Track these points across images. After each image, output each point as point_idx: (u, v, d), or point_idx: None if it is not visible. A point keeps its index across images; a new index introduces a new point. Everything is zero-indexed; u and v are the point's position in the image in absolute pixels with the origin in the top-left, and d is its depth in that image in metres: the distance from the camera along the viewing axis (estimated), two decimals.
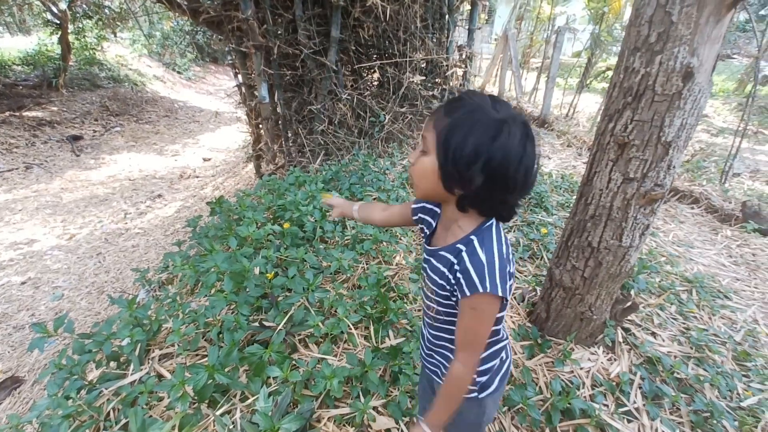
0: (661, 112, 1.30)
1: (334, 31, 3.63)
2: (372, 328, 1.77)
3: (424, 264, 0.89)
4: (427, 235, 0.91)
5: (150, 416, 1.32)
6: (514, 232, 2.82)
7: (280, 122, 4.03)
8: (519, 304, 2.09)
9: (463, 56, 4.87)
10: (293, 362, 1.54)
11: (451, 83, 4.80)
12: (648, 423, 1.51)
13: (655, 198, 1.43)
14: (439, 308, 0.86)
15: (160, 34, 12.12)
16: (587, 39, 7.29)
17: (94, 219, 4.67)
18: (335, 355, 1.65)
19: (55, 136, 6.87)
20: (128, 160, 6.72)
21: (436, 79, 4.72)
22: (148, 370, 1.54)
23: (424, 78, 4.57)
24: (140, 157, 6.87)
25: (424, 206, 0.93)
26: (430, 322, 0.94)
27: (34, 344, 1.42)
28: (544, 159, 4.96)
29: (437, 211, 0.90)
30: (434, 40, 4.44)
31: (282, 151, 4.09)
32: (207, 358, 1.33)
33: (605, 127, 1.47)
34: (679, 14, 1.20)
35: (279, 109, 3.99)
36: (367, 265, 2.22)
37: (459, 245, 0.76)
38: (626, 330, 1.95)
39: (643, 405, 1.57)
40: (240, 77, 4.19)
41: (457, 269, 0.75)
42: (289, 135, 4.09)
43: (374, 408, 1.43)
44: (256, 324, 1.71)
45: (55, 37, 8.25)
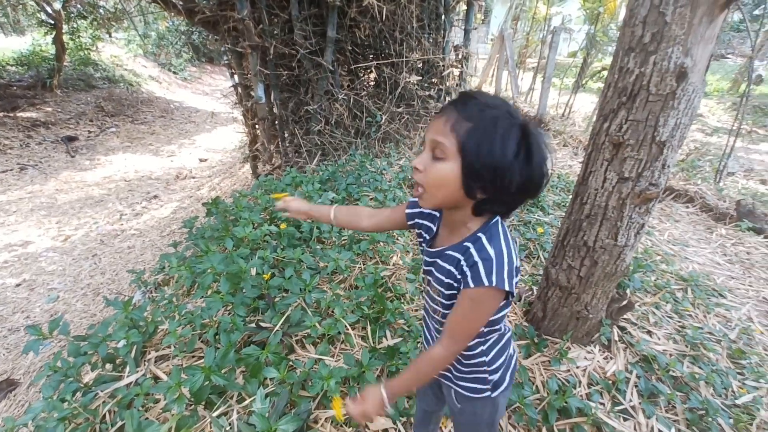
0: (655, 111, 1.31)
1: (331, 31, 3.63)
2: (369, 329, 1.77)
3: (428, 267, 0.86)
4: (428, 239, 0.89)
5: (146, 418, 1.32)
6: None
7: (276, 122, 4.03)
8: (516, 304, 2.10)
9: (460, 56, 4.89)
10: (290, 363, 1.54)
11: (447, 83, 4.81)
12: (644, 421, 1.52)
13: (649, 197, 1.44)
14: (444, 311, 0.84)
15: (156, 34, 12.08)
16: (583, 39, 7.33)
17: (90, 220, 4.64)
18: (332, 356, 1.65)
19: (50, 137, 6.83)
20: (124, 160, 6.68)
21: (433, 79, 4.73)
22: (144, 372, 1.53)
23: (420, 78, 4.58)
24: (136, 158, 6.84)
25: (422, 211, 0.90)
26: (436, 326, 0.92)
27: (29, 347, 1.42)
28: None
29: (436, 215, 0.87)
30: (431, 41, 4.45)
31: (278, 151, 4.09)
32: (203, 360, 1.33)
33: (600, 126, 1.48)
34: (673, 15, 1.21)
35: (275, 110, 3.98)
36: (364, 265, 2.22)
37: (466, 243, 0.75)
38: (622, 329, 1.96)
39: (639, 403, 1.58)
40: (236, 77, 4.18)
41: (464, 264, 0.74)
42: (286, 135, 4.09)
43: None
44: (253, 325, 1.71)
45: (50, 38, 8.21)
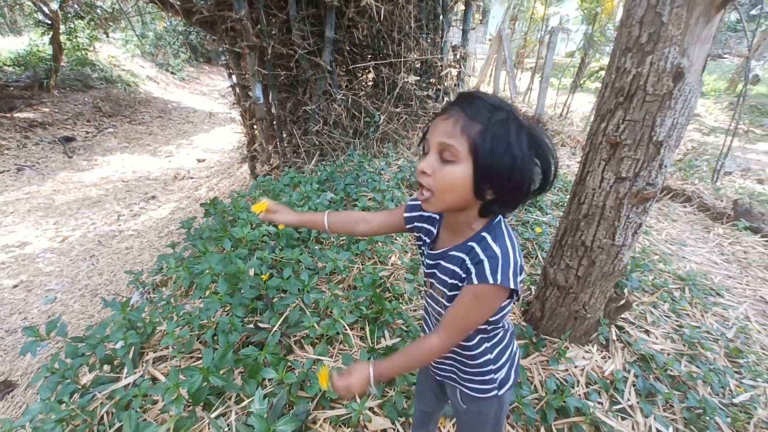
0: (652, 111, 1.31)
1: (329, 32, 3.63)
2: (368, 329, 1.77)
3: (430, 270, 0.85)
4: (428, 242, 0.88)
5: (144, 420, 1.31)
6: None
7: (274, 123, 4.03)
8: (514, 303, 2.10)
9: (458, 56, 4.90)
10: (288, 364, 1.54)
11: (445, 83, 4.81)
12: (642, 420, 1.52)
13: (647, 197, 1.44)
14: None
15: (153, 34, 12.04)
16: (580, 39, 7.34)
17: (87, 221, 4.63)
18: (331, 356, 1.65)
19: (47, 138, 6.81)
20: (121, 161, 6.66)
21: (431, 80, 4.73)
22: (142, 373, 1.53)
23: (418, 78, 4.58)
24: (134, 159, 6.82)
25: (421, 214, 0.89)
26: None
27: (26, 348, 1.41)
28: None
29: (436, 217, 0.87)
30: (428, 41, 4.45)
31: (277, 151, 4.08)
32: (201, 361, 1.32)
33: (597, 127, 1.48)
34: (670, 15, 1.21)
35: (273, 110, 3.98)
36: (362, 265, 2.22)
37: (471, 243, 0.75)
38: (620, 328, 1.97)
39: (637, 402, 1.59)
40: (234, 78, 4.18)
41: (469, 263, 0.73)
42: (284, 135, 4.08)
43: (370, 409, 1.43)
44: (251, 326, 1.71)
45: (47, 38, 8.16)
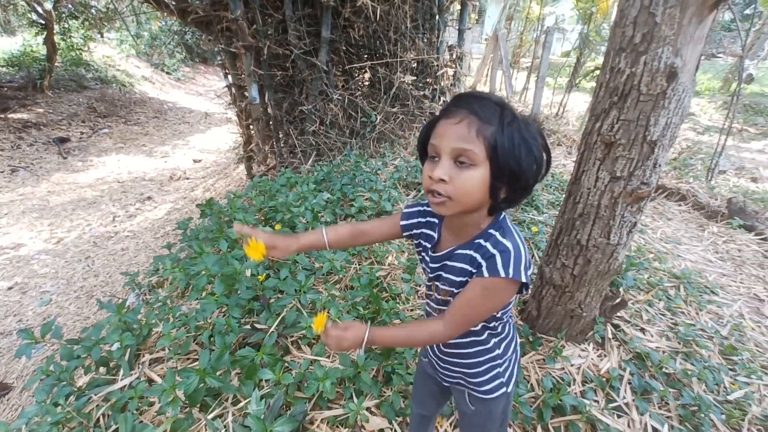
0: (646, 111, 1.32)
1: (325, 32, 3.62)
2: None
3: (435, 272, 0.84)
4: (429, 246, 0.87)
5: (140, 422, 1.31)
6: None
7: (271, 123, 4.02)
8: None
9: (454, 56, 4.90)
10: (285, 364, 1.54)
11: (442, 83, 4.82)
12: (637, 418, 1.53)
13: (641, 196, 1.45)
14: None
15: (148, 34, 11.99)
16: (576, 39, 7.37)
17: (83, 222, 4.60)
18: (328, 357, 1.65)
19: (42, 139, 6.77)
20: (117, 162, 6.63)
21: (427, 79, 4.74)
22: (138, 375, 1.52)
23: (415, 78, 4.58)
24: (129, 159, 6.79)
25: (419, 221, 0.89)
26: None
27: (21, 351, 1.40)
28: None
29: (435, 221, 0.86)
30: (425, 41, 4.46)
31: (273, 152, 4.08)
32: (198, 362, 1.32)
33: (592, 126, 1.49)
34: (663, 15, 1.22)
35: (270, 110, 3.97)
36: (359, 265, 2.22)
37: (478, 240, 0.75)
38: (616, 326, 1.98)
39: (633, 400, 1.60)
40: (230, 78, 4.17)
41: (480, 258, 0.73)
42: (280, 136, 4.08)
43: (367, 408, 1.43)
44: (248, 327, 1.70)
45: (41, 38, 8.12)
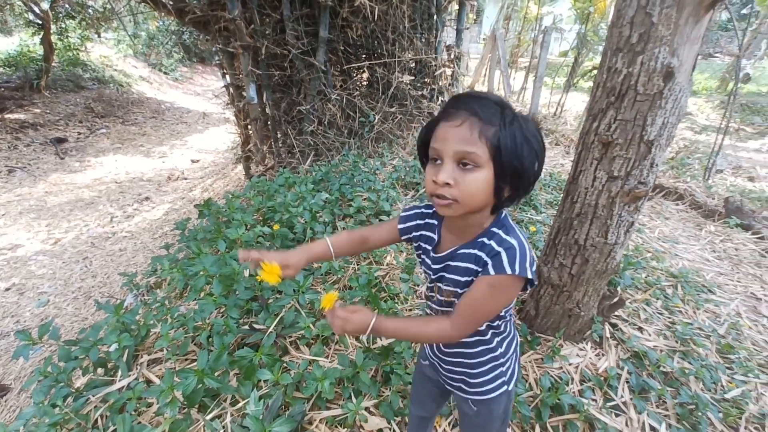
0: (643, 111, 1.33)
1: (323, 32, 3.62)
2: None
3: (438, 273, 0.83)
4: (429, 248, 0.86)
5: (139, 423, 1.31)
6: None
7: (269, 123, 4.01)
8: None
9: (452, 56, 4.90)
10: (284, 365, 1.53)
11: (440, 83, 4.82)
12: (635, 416, 1.54)
13: (638, 196, 1.45)
14: None
15: (146, 34, 11.95)
16: (574, 38, 7.39)
17: (80, 223, 4.59)
18: (326, 357, 1.65)
19: (39, 139, 6.74)
20: (114, 162, 6.61)
21: (425, 79, 4.74)
22: (136, 376, 1.52)
23: (413, 78, 4.58)
24: (127, 160, 6.77)
25: (417, 223, 0.89)
26: None
27: (18, 352, 1.40)
28: None
29: (434, 222, 0.86)
30: (423, 40, 4.46)
31: (271, 152, 4.07)
32: (196, 363, 1.32)
33: (590, 126, 1.50)
34: (659, 15, 1.22)
35: (268, 110, 3.97)
36: (357, 265, 2.22)
37: (482, 239, 0.75)
38: (613, 325, 1.98)
39: (631, 399, 1.60)
40: (228, 78, 4.16)
41: (485, 257, 0.73)
42: (279, 136, 4.07)
43: (366, 408, 1.43)
44: (246, 327, 1.70)
45: (38, 38, 8.09)
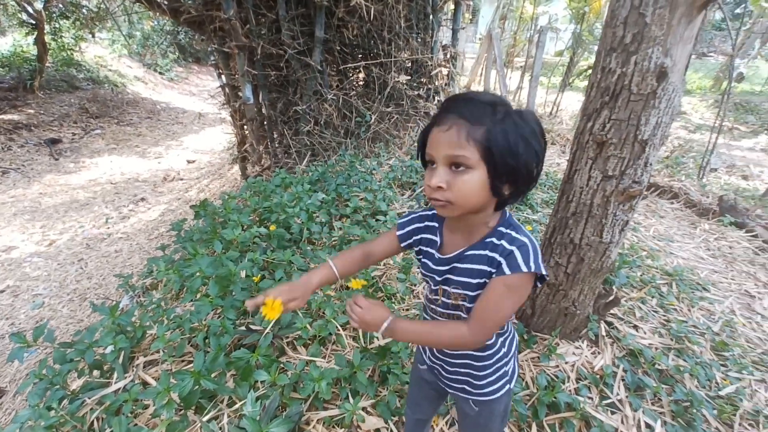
0: (637, 111, 1.34)
1: (319, 31, 3.62)
2: (360, 330, 1.77)
3: (443, 276, 0.82)
4: (432, 251, 0.85)
5: (135, 425, 1.30)
6: None
7: (265, 123, 4.00)
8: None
9: (448, 56, 4.91)
10: (281, 365, 1.53)
11: (436, 83, 4.83)
12: (631, 414, 1.55)
13: (633, 195, 1.46)
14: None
15: (141, 34, 11.87)
16: (569, 38, 7.42)
17: (75, 224, 4.56)
18: (324, 357, 1.66)
19: (33, 140, 6.69)
20: (109, 163, 6.57)
21: (422, 79, 4.74)
22: (132, 378, 1.52)
23: (409, 78, 4.59)
24: (122, 160, 6.73)
25: (417, 226, 0.88)
26: None
27: (13, 354, 1.39)
28: None
29: (434, 225, 0.85)
30: (419, 40, 4.46)
31: (268, 152, 4.06)
32: (193, 364, 1.32)
33: (584, 126, 1.50)
34: (653, 16, 1.23)
35: (264, 110, 3.96)
36: None
37: (490, 239, 0.74)
38: (609, 324, 1.99)
39: (626, 396, 1.61)
40: (223, 78, 4.14)
41: (498, 258, 0.72)
42: (275, 136, 4.06)
43: (363, 408, 1.43)
44: (243, 328, 1.70)
45: (31, 38, 8.02)
